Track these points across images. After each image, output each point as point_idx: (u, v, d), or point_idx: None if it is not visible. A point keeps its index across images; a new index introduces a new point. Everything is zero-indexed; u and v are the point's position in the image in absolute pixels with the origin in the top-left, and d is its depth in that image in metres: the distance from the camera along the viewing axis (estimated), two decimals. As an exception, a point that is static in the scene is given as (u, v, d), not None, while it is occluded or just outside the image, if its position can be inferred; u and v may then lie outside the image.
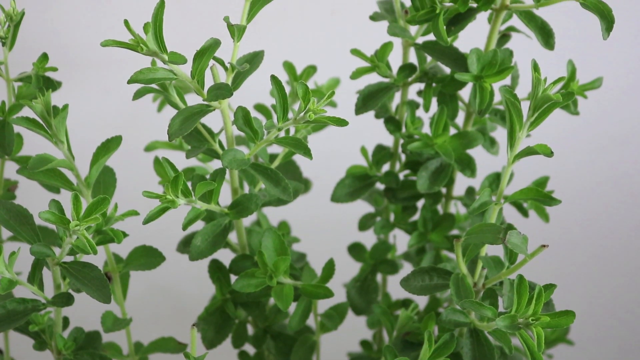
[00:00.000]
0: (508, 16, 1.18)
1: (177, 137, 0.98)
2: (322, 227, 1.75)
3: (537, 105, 0.97)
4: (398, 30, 1.14)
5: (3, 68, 1.11)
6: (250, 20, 1.03)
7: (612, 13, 0.99)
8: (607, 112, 1.81)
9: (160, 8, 0.92)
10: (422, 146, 1.18)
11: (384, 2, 1.22)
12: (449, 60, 1.14)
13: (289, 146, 1.00)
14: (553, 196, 1.00)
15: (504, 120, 1.22)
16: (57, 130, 1.04)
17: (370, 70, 1.18)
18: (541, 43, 1.09)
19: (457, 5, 1.10)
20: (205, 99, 0.99)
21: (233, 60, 1.02)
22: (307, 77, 1.31)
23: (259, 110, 1.31)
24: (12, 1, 1.06)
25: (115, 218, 1.05)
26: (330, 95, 0.95)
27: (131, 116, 1.72)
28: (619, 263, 1.93)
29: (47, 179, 1.08)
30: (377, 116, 1.24)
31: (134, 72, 0.94)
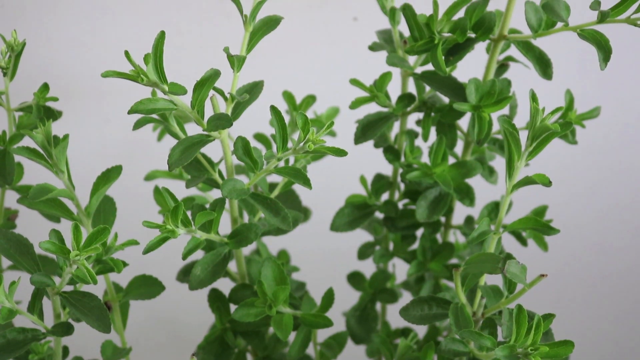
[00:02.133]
0: (506, 46, 1.18)
1: (177, 167, 0.98)
2: (321, 256, 1.75)
3: (536, 135, 0.97)
4: (397, 61, 1.14)
5: (4, 98, 1.11)
6: (249, 50, 1.04)
7: (610, 43, 1.00)
8: (606, 141, 1.81)
9: (160, 39, 0.93)
10: (421, 175, 1.18)
11: (383, 32, 1.22)
12: (447, 90, 1.14)
13: (288, 176, 1.00)
14: (552, 225, 1.01)
15: (502, 150, 1.22)
16: (57, 159, 1.04)
17: (370, 100, 1.19)
18: (539, 73, 1.10)
19: (455, 36, 1.10)
20: (205, 129, 1.00)
21: (233, 91, 1.03)
22: (307, 106, 1.32)
23: (259, 139, 1.31)
24: (13, 32, 1.07)
25: (115, 247, 1.05)
26: (330, 126, 0.96)
27: (131, 145, 1.73)
28: (619, 292, 1.93)
29: (47, 208, 1.08)
30: (376, 145, 1.25)
31: (134, 102, 0.95)
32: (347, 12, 1.68)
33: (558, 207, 1.41)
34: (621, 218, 1.90)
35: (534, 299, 1.13)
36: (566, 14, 1.03)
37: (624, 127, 1.82)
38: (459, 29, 1.10)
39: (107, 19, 1.66)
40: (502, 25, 1.10)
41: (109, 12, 1.66)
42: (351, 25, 1.69)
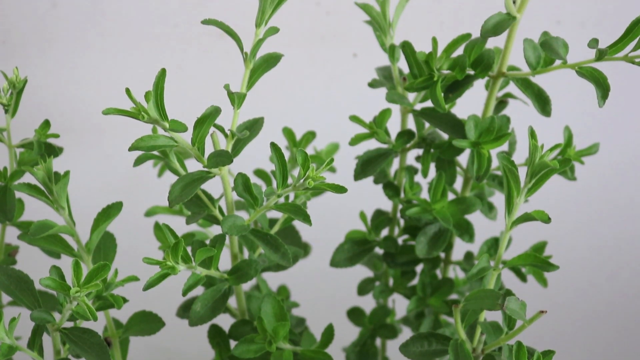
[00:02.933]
0: (505, 83, 1.19)
1: (178, 204, 0.99)
2: (321, 291, 1.75)
3: (535, 172, 0.97)
4: (396, 97, 1.15)
5: (5, 134, 1.12)
6: (250, 87, 1.04)
7: (607, 81, 1.00)
8: (606, 177, 1.81)
9: (161, 76, 0.93)
10: (420, 211, 1.19)
11: (383, 69, 1.23)
12: (446, 126, 1.15)
13: (288, 212, 1.00)
14: (551, 262, 1.01)
15: (501, 186, 1.22)
16: (58, 196, 1.04)
17: (369, 137, 1.19)
18: (538, 110, 1.11)
19: (454, 73, 1.11)
20: (205, 166, 1.00)
21: (233, 127, 1.03)
22: (307, 142, 1.32)
23: (259, 175, 1.31)
24: (15, 69, 1.08)
25: (116, 284, 1.05)
26: (329, 162, 0.96)
27: (132, 181, 1.73)
28: (618, 328, 1.92)
29: (47, 244, 1.08)
30: (376, 181, 1.25)
31: (135, 139, 0.95)
32: (347, 49, 1.69)
33: (557, 242, 1.41)
34: (621, 253, 1.90)
35: (534, 335, 1.12)
36: (564, 52, 1.03)
37: (622, 163, 1.82)
38: (458, 66, 1.10)
39: (107, 56, 1.67)
40: (501, 62, 1.11)
41: (110, 48, 1.66)
42: (351, 62, 1.70)
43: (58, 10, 1.61)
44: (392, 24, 1.19)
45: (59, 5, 1.61)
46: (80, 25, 1.64)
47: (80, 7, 1.62)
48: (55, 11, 1.61)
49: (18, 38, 1.63)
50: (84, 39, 1.65)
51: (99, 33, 1.65)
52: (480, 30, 1.03)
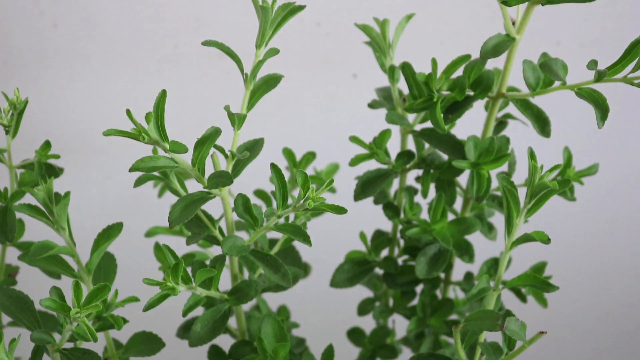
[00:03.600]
0: (504, 103, 1.19)
1: (178, 224, 0.99)
2: (321, 311, 1.75)
3: (534, 193, 0.98)
4: (396, 118, 1.15)
5: (6, 155, 1.12)
6: (250, 109, 1.05)
7: (607, 102, 1.00)
8: (605, 197, 1.82)
9: (161, 98, 0.93)
10: (420, 232, 1.19)
11: (382, 90, 1.23)
12: (446, 147, 1.15)
13: (288, 233, 1.01)
14: (550, 282, 1.01)
15: (501, 206, 1.23)
16: (58, 217, 1.04)
17: (369, 157, 1.19)
18: (537, 131, 1.11)
19: (454, 94, 1.11)
20: (205, 187, 1.00)
21: (233, 148, 1.04)
22: (307, 163, 1.32)
23: (259, 196, 1.32)
24: (16, 90, 1.08)
25: (116, 304, 1.05)
26: (329, 183, 0.96)
27: (132, 201, 1.73)
28: (619, 349, 1.92)
29: (48, 265, 1.08)
30: (376, 202, 1.25)
31: (135, 159, 0.95)
32: (347, 69, 1.70)
33: (557, 263, 1.41)
34: (620, 273, 1.90)
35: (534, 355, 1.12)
36: (564, 73, 1.03)
37: (622, 184, 1.82)
38: (458, 87, 1.11)
39: (108, 76, 1.68)
40: (501, 83, 1.11)
41: (111, 69, 1.67)
42: (351, 82, 1.70)
43: (59, 31, 1.62)
44: (392, 45, 1.19)
45: (59, 26, 1.61)
46: (81, 46, 1.64)
47: (81, 27, 1.62)
48: (56, 32, 1.62)
49: (19, 58, 1.64)
50: (85, 60, 1.65)
51: (99, 54, 1.65)
52: (480, 51, 1.03)
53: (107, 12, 1.62)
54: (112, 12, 1.62)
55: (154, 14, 1.63)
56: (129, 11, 1.62)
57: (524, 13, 1.05)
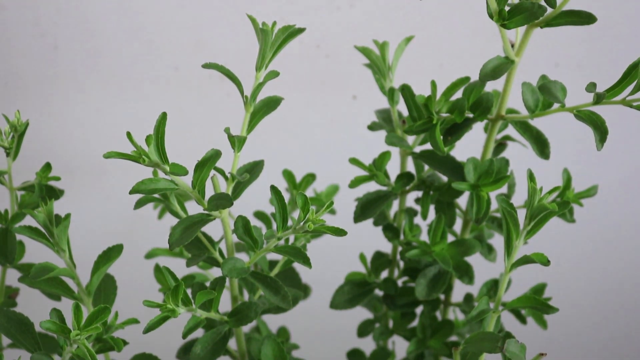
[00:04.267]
0: (504, 125, 1.19)
1: (178, 246, 0.99)
2: (321, 333, 1.75)
3: (534, 215, 0.98)
4: (396, 140, 1.16)
5: (6, 177, 1.12)
6: (250, 131, 1.05)
7: (606, 124, 1.01)
8: (604, 217, 1.82)
9: (162, 120, 0.94)
10: (420, 254, 1.19)
11: (382, 112, 1.24)
12: (446, 169, 1.15)
13: (288, 255, 1.01)
14: (550, 304, 1.01)
15: (501, 228, 1.23)
16: (59, 239, 1.05)
17: (369, 179, 1.20)
18: (536, 153, 1.11)
19: (453, 116, 1.12)
20: (205, 209, 1.00)
21: (233, 170, 1.04)
22: (306, 185, 1.33)
23: (259, 217, 1.32)
24: (17, 112, 1.08)
25: (116, 326, 1.05)
26: (329, 206, 0.96)
27: (132, 222, 1.73)
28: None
29: (48, 287, 1.09)
30: (376, 224, 1.25)
31: (135, 181, 0.95)
32: (347, 91, 1.70)
33: (557, 284, 1.41)
34: (620, 295, 1.90)
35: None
36: (562, 96, 1.04)
37: (621, 204, 1.83)
38: (457, 110, 1.11)
39: (108, 98, 1.68)
40: (500, 105, 1.12)
41: (111, 91, 1.67)
42: (350, 104, 1.71)
43: (59, 53, 1.62)
44: (392, 67, 1.20)
45: (59, 48, 1.62)
46: (81, 68, 1.65)
47: (81, 49, 1.63)
48: (57, 53, 1.62)
49: (20, 80, 1.64)
50: (85, 82, 1.66)
51: (99, 75, 1.66)
52: (479, 73, 1.03)
53: (108, 34, 1.62)
54: (113, 34, 1.63)
55: (154, 36, 1.63)
56: (130, 33, 1.63)
57: (523, 36, 1.06)
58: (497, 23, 1.00)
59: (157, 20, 1.63)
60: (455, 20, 1.65)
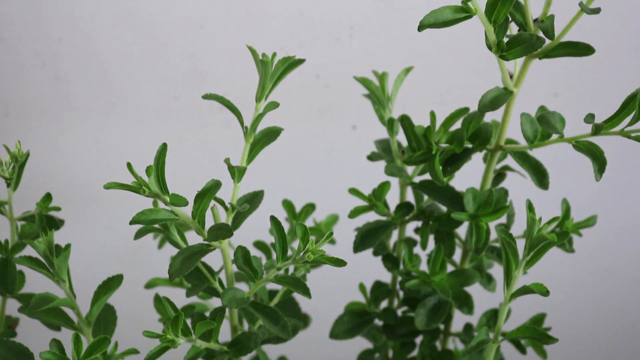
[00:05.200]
0: (503, 155, 1.20)
1: (178, 277, 0.99)
2: (321, 362, 1.75)
3: (533, 245, 0.98)
4: (395, 170, 1.16)
5: (7, 207, 1.12)
6: (250, 161, 1.05)
7: (604, 155, 1.01)
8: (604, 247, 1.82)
9: (162, 151, 0.94)
10: (419, 284, 1.19)
11: (381, 142, 1.24)
12: (445, 199, 1.15)
13: (288, 285, 1.01)
14: (550, 334, 1.01)
15: (500, 258, 1.23)
16: (59, 269, 1.05)
17: (368, 209, 1.20)
18: (535, 183, 1.11)
19: (452, 146, 1.12)
20: (205, 239, 1.01)
21: (233, 201, 1.04)
22: (306, 215, 1.33)
23: (259, 247, 1.32)
24: (17, 143, 1.09)
25: (116, 357, 1.05)
26: (329, 236, 0.97)
27: (132, 252, 1.73)
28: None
29: (48, 317, 1.09)
30: (375, 253, 1.26)
31: (135, 211, 0.96)
32: (346, 121, 1.71)
33: (556, 314, 1.41)
34: (620, 325, 1.90)
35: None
36: (561, 126, 1.04)
37: (620, 235, 1.83)
38: (456, 140, 1.12)
39: (108, 128, 1.68)
40: (499, 135, 1.12)
41: (111, 121, 1.68)
42: (350, 134, 1.71)
43: (60, 83, 1.63)
44: (391, 98, 1.20)
45: (60, 78, 1.63)
46: (82, 98, 1.65)
47: (82, 80, 1.63)
48: (57, 83, 1.63)
49: (20, 110, 1.65)
50: (86, 112, 1.66)
51: (100, 105, 1.66)
52: (478, 104, 1.04)
53: (108, 65, 1.63)
54: (113, 64, 1.63)
55: (154, 65, 1.64)
56: (130, 63, 1.64)
57: (521, 66, 1.06)
58: (496, 54, 1.01)
59: (158, 50, 1.63)
60: (454, 51, 1.65)
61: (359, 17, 1.62)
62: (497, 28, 0.99)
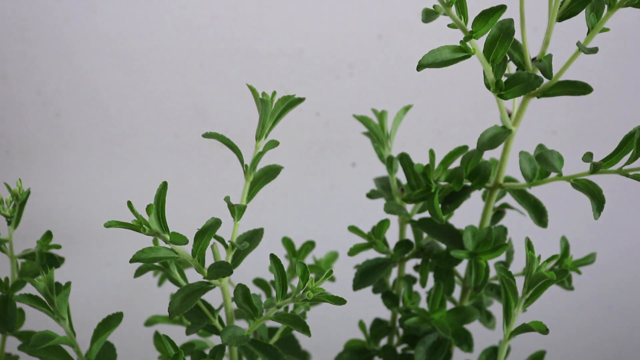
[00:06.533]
0: (502, 193, 1.20)
1: (178, 315, 0.99)
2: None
3: (532, 283, 0.98)
4: (395, 208, 1.16)
5: (7, 245, 1.13)
6: (250, 199, 1.06)
7: (602, 193, 1.01)
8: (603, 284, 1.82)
9: (162, 190, 0.95)
10: (419, 321, 1.19)
11: (381, 180, 1.25)
12: (444, 237, 1.16)
13: (287, 323, 1.01)
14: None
15: (500, 295, 1.23)
16: (59, 307, 1.05)
17: (368, 247, 1.20)
18: (534, 221, 1.11)
19: (451, 184, 1.12)
20: (205, 277, 1.01)
21: (233, 239, 1.04)
22: (306, 253, 1.33)
23: (258, 284, 1.32)
24: (18, 181, 1.09)
25: (116, 395, 1.05)
26: (329, 274, 0.97)
27: (132, 289, 1.73)
28: None
29: (48, 355, 1.08)
30: (375, 291, 1.26)
31: (135, 248, 0.96)
32: (346, 158, 1.71)
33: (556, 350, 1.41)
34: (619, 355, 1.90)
35: None
36: (559, 165, 1.05)
37: (619, 272, 1.83)
38: (455, 178, 1.12)
39: (109, 165, 1.69)
40: (498, 173, 1.12)
41: (112, 158, 1.68)
42: (350, 171, 1.72)
43: (61, 120, 1.64)
44: (390, 136, 1.21)
45: (61, 116, 1.63)
46: (83, 136, 1.66)
47: (83, 118, 1.64)
48: (58, 121, 1.64)
49: (21, 147, 1.65)
50: (86, 149, 1.67)
51: (100, 143, 1.67)
52: (477, 143, 1.04)
53: (108, 103, 1.64)
54: (113, 102, 1.64)
55: (154, 103, 1.65)
56: (130, 101, 1.64)
57: (520, 105, 1.07)
58: (495, 93, 1.01)
59: (158, 88, 1.64)
60: (453, 89, 1.66)
61: (358, 55, 1.63)
62: (496, 67, 1.00)
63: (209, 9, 1.59)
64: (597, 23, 1.00)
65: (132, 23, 1.59)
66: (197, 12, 1.59)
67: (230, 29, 1.61)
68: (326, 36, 1.63)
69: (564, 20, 1.01)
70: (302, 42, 1.63)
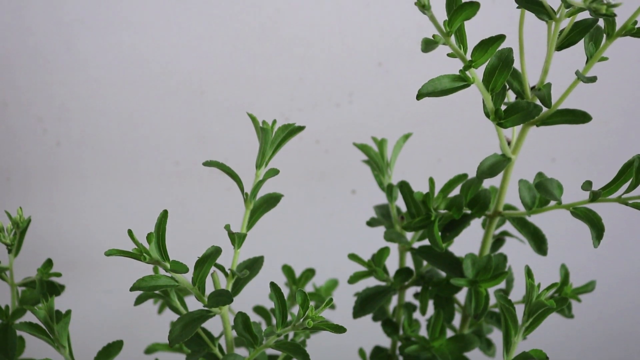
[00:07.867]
0: (501, 221, 1.20)
1: (178, 343, 0.99)
2: None
3: (532, 311, 0.98)
4: (394, 236, 1.16)
5: (8, 273, 1.13)
6: (250, 228, 1.06)
7: (602, 222, 1.01)
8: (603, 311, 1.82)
9: (163, 218, 0.95)
10: (419, 349, 1.19)
11: (381, 207, 1.25)
12: (444, 265, 1.16)
13: (287, 351, 1.01)
14: (550, 400, 1.01)
15: (499, 323, 1.23)
16: (59, 335, 1.05)
17: (368, 275, 1.20)
18: (534, 249, 1.12)
19: (451, 212, 1.13)
20: (205, 305, 1.01)
21: (233, 267, 1.05)
22: (306, 280, 1.33)
23: (258, 312, 1.32)
24: (19, 209, 1.09)
25: (115, 423, 1.05)
26: (329, 302, 0.97)
27: (132, 316, 1.73)
28: None
29: (48, 383, 1.09)
30: (375, 319, 1.26)
31: (135, 275, 0.96)
32: (346, 186, 1.71)
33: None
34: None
35: None
36: (559, 193, 1.05)
37: (619, 300, 1.83)
38: (455, 206, 1.12)
39: (110, 193, 1.69)
40: (497, 201, 1.13)
41: (112, 186, 1.68)
42: (350, 198, 1.72)
43: (62, 149, 1.64)
44: (390, 164, 1.21)
45: (62, 144, 1.64)
46: (83, 164, 1.66)
47: (83, 146, 1.64)
48: (59, 149, 1.64)
49: (22, 175, 1.65)
50: (87, 177, 1.67)
51: (101, 171, 1.67)
52: (477, 171, 1.04)
53: (109, 131, 1.64)
54: (114, 130, 1.64)
55: (154, 131, 1.65)
56: (130, 129, 1.65)
57: (519, 134, 1.07)
58: (494, 122, 1.01)
59: (158, 115, 1.64)
60: (453, 117, 1.67)
61: (358, 83, 1.64)
62: (495, 96, 1.00)
63: (210, 37, 1.60)
64: (596, 52, 1.00)
65: (132, 51, 1.60)
66: (197, 40, 1.60)
67: (230, 56, 1.61)
68: (326, 64, 1.63)
69: (562, 49, 1.01)
70: (302, 69, 1.63)
